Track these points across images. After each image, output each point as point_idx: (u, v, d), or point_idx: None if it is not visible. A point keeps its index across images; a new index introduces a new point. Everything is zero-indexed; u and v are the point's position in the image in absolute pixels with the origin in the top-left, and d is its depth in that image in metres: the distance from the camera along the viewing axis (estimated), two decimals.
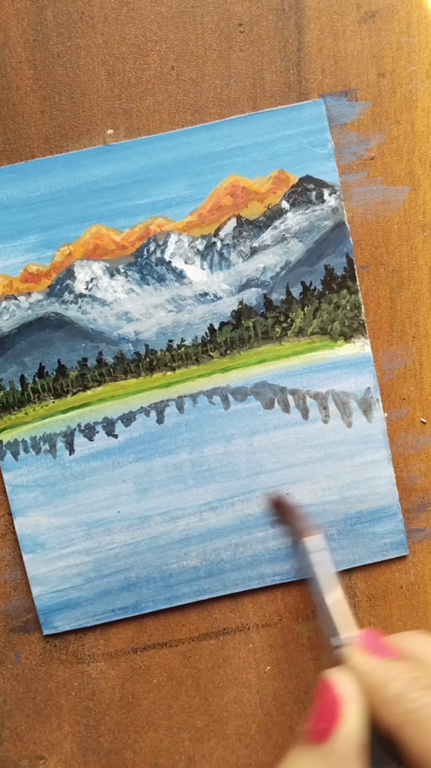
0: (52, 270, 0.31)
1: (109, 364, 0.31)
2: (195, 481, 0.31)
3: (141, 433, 0.31)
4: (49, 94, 0.31)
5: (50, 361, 0.31)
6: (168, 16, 0.30)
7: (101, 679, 0.32)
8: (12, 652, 0.32)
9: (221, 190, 0.31)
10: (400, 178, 0.31)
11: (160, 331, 0.31)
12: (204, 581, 0.31)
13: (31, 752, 0.32)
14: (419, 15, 0.31)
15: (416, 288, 0.32)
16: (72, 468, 0.31)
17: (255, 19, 0.31)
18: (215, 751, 0.32)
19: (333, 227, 0.31)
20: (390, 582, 0.32)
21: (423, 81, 0.31)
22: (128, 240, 0.31)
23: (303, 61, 0.31)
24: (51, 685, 0.32)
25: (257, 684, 0.32)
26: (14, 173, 0.31)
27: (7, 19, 0.30)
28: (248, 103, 0.31)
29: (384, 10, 0.31)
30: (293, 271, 0.31)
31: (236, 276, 0.31)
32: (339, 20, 0.31)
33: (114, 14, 0.30)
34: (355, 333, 0.31)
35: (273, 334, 0.31)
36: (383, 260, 0.32)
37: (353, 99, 0.31)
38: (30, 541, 0.31)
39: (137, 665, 0.32)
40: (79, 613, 0.31)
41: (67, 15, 0.30)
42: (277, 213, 0.31)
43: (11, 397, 0.31)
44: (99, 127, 0.31)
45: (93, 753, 0.32)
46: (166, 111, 0.31)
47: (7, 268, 0.31)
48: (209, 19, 0.30)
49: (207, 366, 0.31)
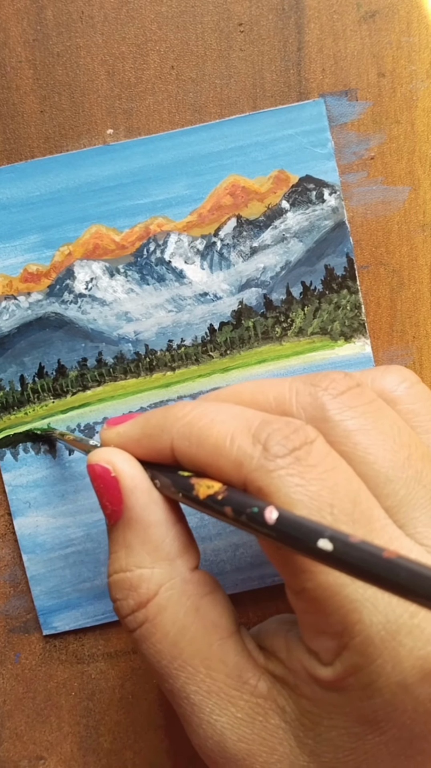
0: (51, 270, 0.31)
1: (109, 364, 0.31)
2: None
3: None
4: (49, 93, 0.31)
5: (50, 361, 0.31)
6: (168, 15, 0.30)
7: (101, 679, 0.32)
8: (12, 652, 0.32)
9: (221, 190, 0.31)
10: (400, 178, 0.31)
11: (160, 331, 0.31)
12: None
13: (30, 752, 0.32)
14: (419, 15, 0.31)
15: (416, 288, 0.32)
16: (72, 468, 0.31)
17: (255, 19, 0.31)
18: None
19: (333, 227, 0.31)
20: None
21: (423, 81, 0.31)
22: (127, 240, 0.31)
23: (303, 61, 0.31)
24: (51, 685, 0.32)
25: None
26: (14, 173, 0.30)
27: (7, 19, 0.30)
28: (248, 102, 0.31)
29: (384, 10, 0.31)
30: (294, 271, 0.31)
31: (236, 276, 0.31)
32: (339, 20, 0.31)
33: (114, 14, 0.30)
34: (355, 333, 0.31)
35: (273, 334, 0.31)
36: (383, 260, 0.32)
37: (353, 99, 0.31)
38: (30, 541, 0.31)
39: (137, 665, 0.32)
40: (79, 613, 0.31)
41: (67, 15, 0.30)
42: (277, 213, 0.31)
43: (11, 397, 0.31)
44: (99, 127, 0.31)
45: (93, 753, 0.32)
46: (166, 111, 0.31)
47: (7, 268, 0.31)
48: (209, 19, 0.30)
49: (207, 366, 0.31)
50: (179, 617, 0.22)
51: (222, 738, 0.21)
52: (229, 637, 0.22)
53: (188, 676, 0.21)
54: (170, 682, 0.22)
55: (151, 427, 0.22)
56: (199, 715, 0.21)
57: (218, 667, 0.21)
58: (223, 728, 0.21)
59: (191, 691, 0.21)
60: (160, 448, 0.22)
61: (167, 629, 0.22)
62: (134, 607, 0.22)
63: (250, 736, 0.21)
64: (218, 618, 0.22)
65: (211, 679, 0.21)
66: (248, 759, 0.21)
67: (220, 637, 0.22)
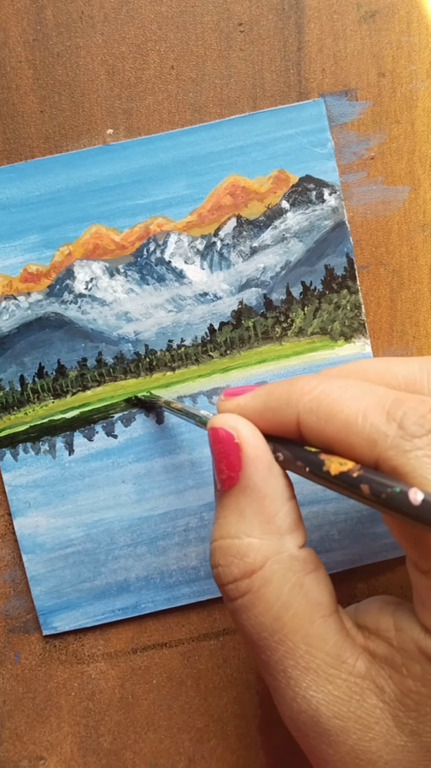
0: (51, 270, 0.31)
1: (108, 365, 0.31)
2: (195, 481, 0.31)
3: (141, 434, 0.31)
4: (49, 93, 0.31)
5: (50, 361, 0.31)
6: (168, 15, 0.30)
7: (101, 679, 0.32)
8: (12, 652, 0.32)
9: (221, 190, 0.31)
10: (400, 178, 0.31)
11: (160, 331, 0.31)
12: (204, 582, 0.31)
13: (30, 752, 0.32)
14: (419, 15, 0.31)
15: (416, 288, 0.32)
16: (72, 468, 0.31)
17: (255, 19, 0.30)
18: (215, 751, 0.32)
19: (333, 227, 0.31)
20: (390, 582, 0.32)
21: (423, 81, 0.31)
22: (127, 240, 0.31)
23: (303, 61, 0.31)
24: (51, 685, 0.32)
25: (257, 685, 0.32)
26: (14, 173, 0.30)
27: (7, 19, 0.30)
28: (248, 102, 0.31)
29: (384, 10, 0.31)
30: (294, 271, 0.31)
31: (236, 276, 0.31)
32: (339, 20, 0.31)
33: (114, 14, 0.30)
34: (355, 333, 0.31)
35: (273, 334, 0.31)
36: (383, 260, 0.32)
37: (353, 99, 0.31)
38: (30, 541, 0.31)
39: (136, 665, 0.32)
40: (79, 613, 0.31)
41: (67, 15, 0.30)
42: (277, 213, 0.31)
43: (11, 398, 0.31)
44: (99, 127, 0.31)
45: (93, 753, 0.32)
46: (166, 111, 0.31)
47: (7, 268, 0.31)
48: (209, 19, 0.30)
49: (207, 366, 0.31)
50: (283, 592, 0.21)
51: (317, 713, 0.21)
52: (330, 615, 0.22)
53: (287, 650, 0.21)
54: (268, 654, 0.22)
55: (274, 400, 0.22)
56: (294, 689, 0.21)
57: (318, 644, 0.21)
58: (318, 704, 0.21)
59: (289, 665, 0.21)
60: (284, 422, 0.22)
61: (270, 603, 0.21)
62: (237, 575, 0.22)
63: (345, 714, 0.21)
64: (321, 596, 0.22)
65: (310, 656, 0.21)
66: (342, 735, 0.21)
67: (321, 615, 0.22)
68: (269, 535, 0.22)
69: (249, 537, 0.22)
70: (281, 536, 0.22)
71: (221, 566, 0.22)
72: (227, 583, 0.22)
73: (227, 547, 0.22)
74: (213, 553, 0.22)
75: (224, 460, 0.22)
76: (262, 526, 0.22)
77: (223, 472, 0.22)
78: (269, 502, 0.22)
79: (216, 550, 0.22)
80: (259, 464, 0.22)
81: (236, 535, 0.22)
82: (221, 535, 0.22)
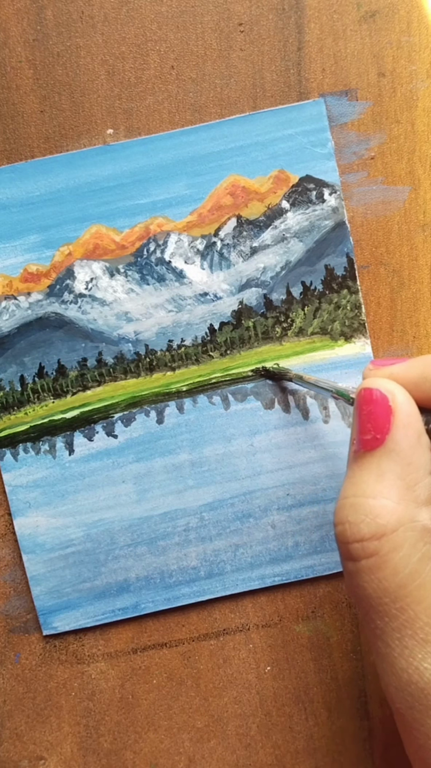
0: (51, 270, 0.31)
1: (109, 364, 0.31)
2: (195, 481, 0.31)
3: (141, 434, 0.31)
4: (49, 93, 0.31)
5: (50, 361, 0.31)
6: (168, 15, 0.30)
7: (101, 679, 0.32)
8: (12, 652, 0.32)
9: (221, 190, 0.31)
10: (400, 178, 0.31)
11: (160, 331, 0.31)
12: (204, 582, 0.31)
13: (31, 752, 0.32)
14: (419, 15, 0.31)
15: (416, 288, 0.32)
16: (72, 468, 0.31)
17: (255, 19, 0.30)
18: (215, 751, 0.32)
19: (333, 227, 0.31)
20: None
21: (423, 80, 0.31)
22: (127, 240, 0.31)
23: (303, 61, 0.31)
24: (51, 685, 0.32)
25: (257, 684, 0.32)
26: (14, 173, 0.30)
27: (7, 19, 0.30)
28: (248, 102, 0.31)
29: (384, 10, 0.31)
30: (294, 271, 0.31)
31: (236, 276, 0.31)
32: (339, 20, 0.31)
33: (114, 14, 0.30)
34: (355, 333, 0.31)
35: (273, 334, 0.31)
36: (383, 260, 0.32)
37: (353, 98, 0.31)
38: (30, 541, 0.31)
39: (136, 665, 0.32)
40: (79, 613, 0.31)
41: (67, 15, 0.30)
42: (277, 213, 0.31)
43: (11, 398, 0.31)
44: (99, 127, 0.31)
45: (93, 753, 0.32)
46: (166, 111, 0.31)
47: (7, 268, 0.31)
48: (209, 19, 0.30)
49: (207, 366, 0.31)
50: (412, 561, 0.21)
51: (428, 686, 0.21)
52: None
53: (407, 619, 0.21)
54: (386, 621, 0.21)
55: None
56: (408, 659, 0.21)
57: None
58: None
59: (407, 635, 0.21)
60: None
61: (398, 569, 0.21)
62: (366, 534, 0.21)
63: None
64: None
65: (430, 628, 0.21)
66: None
67: None
68: (407, 502, 0.21)
69: (386, 499, 0.21)
70: (418, 506, 0.21)
71: (349, 523, 0.22)
72: (353, 541, 0.21)
73: (360, 505, 0.21)
74: (341, 509, 0.22)
75: (372, 421, 0.22)
76: (401, 491, 0.21)
77: (368, 432, 0.22)
78: (412, 469, 0.21)
79: (346, 507, 0.22)
80: (410, 431, 0.22)
81: (371, 494, 0.21)
82: (355, 493, 0.22)
